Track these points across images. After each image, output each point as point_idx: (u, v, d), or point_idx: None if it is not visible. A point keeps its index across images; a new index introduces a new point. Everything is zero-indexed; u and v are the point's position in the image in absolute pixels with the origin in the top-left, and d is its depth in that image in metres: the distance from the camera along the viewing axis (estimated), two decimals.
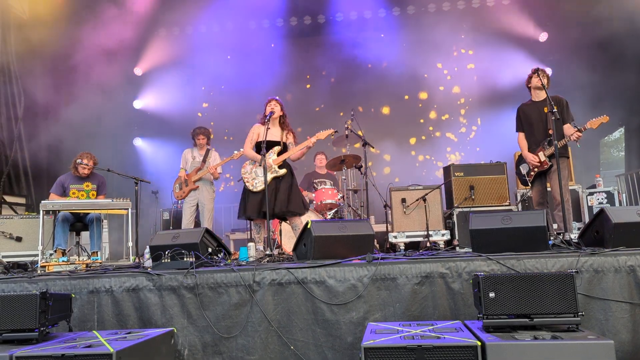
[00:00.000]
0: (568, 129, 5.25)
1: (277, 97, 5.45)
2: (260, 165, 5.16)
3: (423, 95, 10.10)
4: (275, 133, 5.37)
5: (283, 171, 5.22)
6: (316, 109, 9.92)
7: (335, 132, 5.34)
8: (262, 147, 4.94)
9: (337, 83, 10.02)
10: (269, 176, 5.15)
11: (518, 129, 5.66)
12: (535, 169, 5.42)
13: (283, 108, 5.41)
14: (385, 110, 10.21)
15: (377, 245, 5.72)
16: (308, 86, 10.08)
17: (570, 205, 5.24)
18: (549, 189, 5.51)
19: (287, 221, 5.45)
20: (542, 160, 5.33)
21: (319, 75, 10.05)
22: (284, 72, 9.76)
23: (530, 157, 5.42)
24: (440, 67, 10.12)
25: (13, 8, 8.55)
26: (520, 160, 5.68)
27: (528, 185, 5.64)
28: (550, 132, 5.21)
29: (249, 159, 5.41)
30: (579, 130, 5.12)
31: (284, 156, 5.26)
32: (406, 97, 10.10)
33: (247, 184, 5.29)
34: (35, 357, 2.65)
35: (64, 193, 6.11)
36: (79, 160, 6.11)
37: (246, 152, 5.42)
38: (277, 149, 5.30)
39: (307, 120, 9.50)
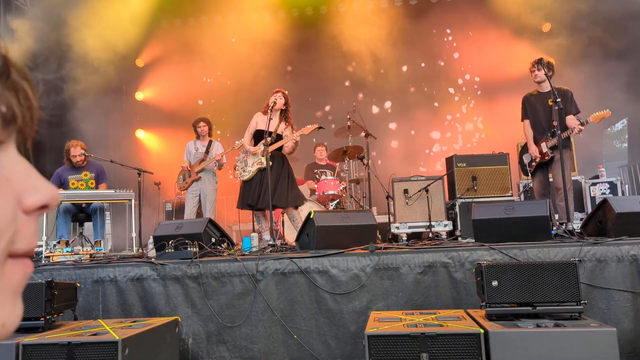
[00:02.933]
0: (571, 120, 5.25)
1: (284, 90, 5.43)
2: (262, 155, 5.17)
3: (421, 81, 10.06)
4: (273, 124, 5.36)
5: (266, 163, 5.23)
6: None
7: (319, 127, 5.27)
8: (265, 135, 4.96)
9: (339, 74, 9.98)
10: (255, 167, 5.21)
11: (524, 118, 5.69)
12: (537, 160, 5.46)
13: (288, 101, 5.40)
14: (387, 104, 10.19)
15: (380, 236, 5.73)
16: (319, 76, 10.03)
17: (572, 196, 5.25)
18: (551, 179, 5.52)
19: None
20: (543, 151, 5.35)
21: (319, 69, 10.00)
22: (284, 63, 9.74)
23: (532, 148, 5.45)
24: (442, 56, 10.07)
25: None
26: (524, 149, 5.70)
27: (528, 175, 5.65)
28: (555, 123, 5.22)
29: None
30: (581, 124, 5.12)
31: (273, 147, 5.26)
32: (412, 89, 10.06)
33: (236, 172, 5.34)
34: (41, 345, 2.67)
35: (62, 185, 6.09)
36: (70, 153, 6.06)
37: (244, 141, 5.44)
38: (268, 140, 5.30)
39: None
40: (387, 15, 9.54)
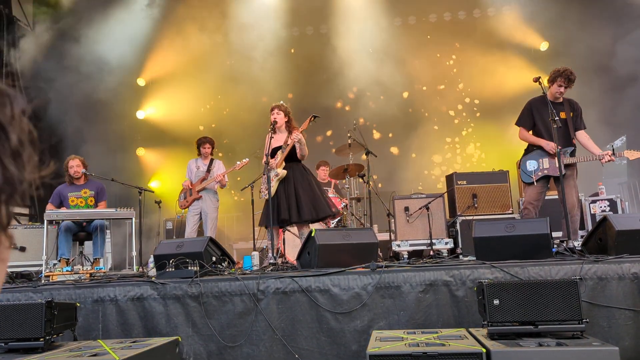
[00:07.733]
0: (582, 135, 5.06)
1: (281, 103, 5.43)
2: (264, 175, 5.19)
3: (421, 105, 10.11)
4: (280, 138, 5.36)
5: (282, 172, 5.18)
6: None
7: (313, 117, 5.16)
8: (267, 157, 4.98)
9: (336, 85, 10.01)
10: (275, 182, 5.16)
11: (523, 124, 5.21)
12: (545, 171, 5.03)
13: (287, 113, 5.38)
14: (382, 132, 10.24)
15: (381, 254, 5.72)
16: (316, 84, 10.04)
17: (579, 214, 5.09)
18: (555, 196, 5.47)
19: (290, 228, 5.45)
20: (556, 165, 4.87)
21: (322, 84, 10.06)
22: (285, 83, 9.81)
23: (550, 145, 4.85)
24: (440, 75, 10.16)
25: (18, 20, 8.66)
26: (530, 155, 5.18)
27: (532, 183, 5.07)
28: (574, 141, 5.04)
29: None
30: (613, 154, 4.76)
31: (280, 158, 5.25)
32: (410, 110, 10.10)
33: (261, 194, 5.26)
34: None
35: (62, 203, 6.09)
36: (69, 165, 6.06)
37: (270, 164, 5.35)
38: (278, 154, 5.32)
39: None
40: (385, 36, 9.65)
